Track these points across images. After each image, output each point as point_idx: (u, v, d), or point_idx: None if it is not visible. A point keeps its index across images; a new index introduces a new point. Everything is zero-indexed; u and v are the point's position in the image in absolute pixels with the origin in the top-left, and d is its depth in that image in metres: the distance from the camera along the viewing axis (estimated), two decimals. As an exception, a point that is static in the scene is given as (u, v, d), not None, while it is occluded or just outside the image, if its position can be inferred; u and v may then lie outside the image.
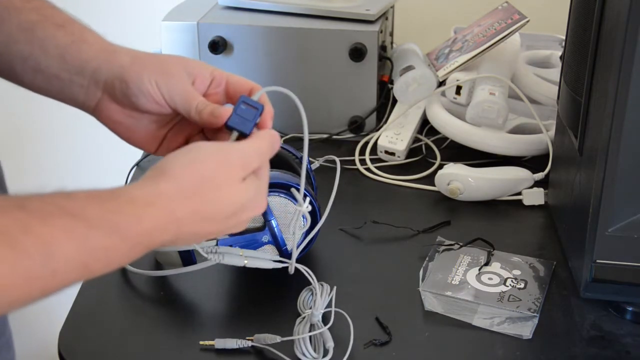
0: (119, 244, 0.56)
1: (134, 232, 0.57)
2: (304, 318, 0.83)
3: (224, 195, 0.63)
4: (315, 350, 0.80)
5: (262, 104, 0.71)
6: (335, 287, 0.87)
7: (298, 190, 0.78)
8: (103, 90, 0.72)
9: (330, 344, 0.80)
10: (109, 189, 0.58)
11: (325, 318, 0.84)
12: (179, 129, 0.75)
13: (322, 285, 0.87)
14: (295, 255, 0.85)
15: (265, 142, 0.68)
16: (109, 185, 0.61)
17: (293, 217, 0.79)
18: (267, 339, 0.82)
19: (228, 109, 0.69)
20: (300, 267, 0.84)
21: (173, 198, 0.60)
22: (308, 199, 0.80)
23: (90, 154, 1.82)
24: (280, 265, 0.86)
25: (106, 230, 0.55)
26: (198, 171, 0.62)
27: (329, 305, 0.85)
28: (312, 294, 0.86)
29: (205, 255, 0.84)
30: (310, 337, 0.81)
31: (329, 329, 0.82)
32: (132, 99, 0.71)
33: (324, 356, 0.80)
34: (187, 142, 0.75)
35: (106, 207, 0.56)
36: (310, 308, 0.83)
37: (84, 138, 1.70)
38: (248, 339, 0.82)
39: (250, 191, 0.65)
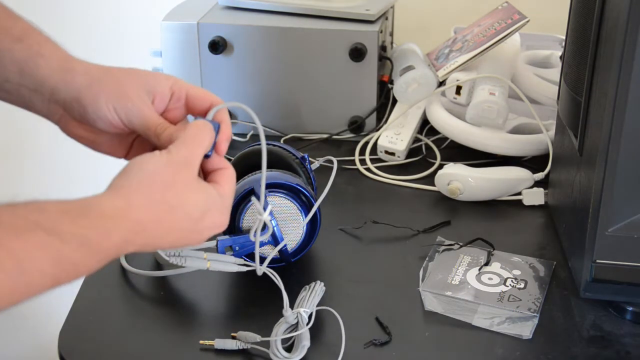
0: (88, 257, 0.58)
1: (104, 246, 0.58)
2: (281, 320, 0.83)
3: (187, 198, 0.64)
4: (292, 351, 0.80)
5: (217, 123, 0.70)
6: (322, 286, 0.88)
7: (258, 198, 0.78)
8: (63, 109, 0.72)
9: (306, 344, 0.80)
10: (79, 201, 0.59)
11: (318, 317, 0.84)
12: (144, 138, 0.74)
13: (316, 283, 0.87)
14: (259, 260, 0.83)
15: (192, 129, 0.68)
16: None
17: (255, 224, 0.80)
18: (248, 338, 0.82)
19: None
20: (268, 270, 0.84)
21: (142, 210, 0.61)
22: (270, 207, 0.82)
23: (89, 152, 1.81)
24: (245, 269, 0.87)
25: (78, 245, 0.56)
26: (160, 180, 0.63)
27: (320, 303, 0.86)
28: (307, 293, 0.86)
29: (167, 258, 0.85)
30: (293, 337, 0.82)
31: (320, 328, 0.82)
32: (90, 122, 0.71)
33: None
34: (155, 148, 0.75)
35: (79, 223, 0.57)
36: (301, 307, 0.84)
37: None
38: (232, 335, 0.83)
39: (209, 196, 0.66)
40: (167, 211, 0.63)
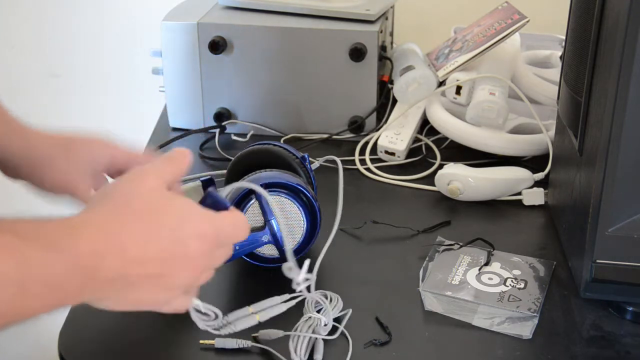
0: (57, 263, 0.55)
1: (73, 253, 0.56)
2: (309, 318, 0.82)
3: (157, 206, 0.62)
4: (304, 354, 0.80)
5: (229, 203, 0.69)
6: (339, 300, 0.86)
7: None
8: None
9: (318, 357, 0.79)
10: (46, 217, 0.59)
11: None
12: None
13: (337, 299, 0.87)
14: (273, 262, 0.80)
15: (167, 153, 0.68)
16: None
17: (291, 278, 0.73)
18: (271, 335, 0.82)
19: None
20: (318, 297, 0.83)
21: (105, 216, 0.60)
22: (306, 266, 0.73)
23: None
24: (294, 302, 0.85)
25: (42, 246, 0.55)
26: (121, 191, 0.63)
27: (336, 319, 0.84)
28: (328, 305, 0.85)
29: (215, 332, 0.80)
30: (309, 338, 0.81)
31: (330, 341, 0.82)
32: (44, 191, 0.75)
33: None
34: None
35: (45, 226, 0.57)
36: (319, 311, 0.83)
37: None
38: (253, 336, 0.82)
39: (184, 203, 0.64)
40: (135, 219, 0.61)
